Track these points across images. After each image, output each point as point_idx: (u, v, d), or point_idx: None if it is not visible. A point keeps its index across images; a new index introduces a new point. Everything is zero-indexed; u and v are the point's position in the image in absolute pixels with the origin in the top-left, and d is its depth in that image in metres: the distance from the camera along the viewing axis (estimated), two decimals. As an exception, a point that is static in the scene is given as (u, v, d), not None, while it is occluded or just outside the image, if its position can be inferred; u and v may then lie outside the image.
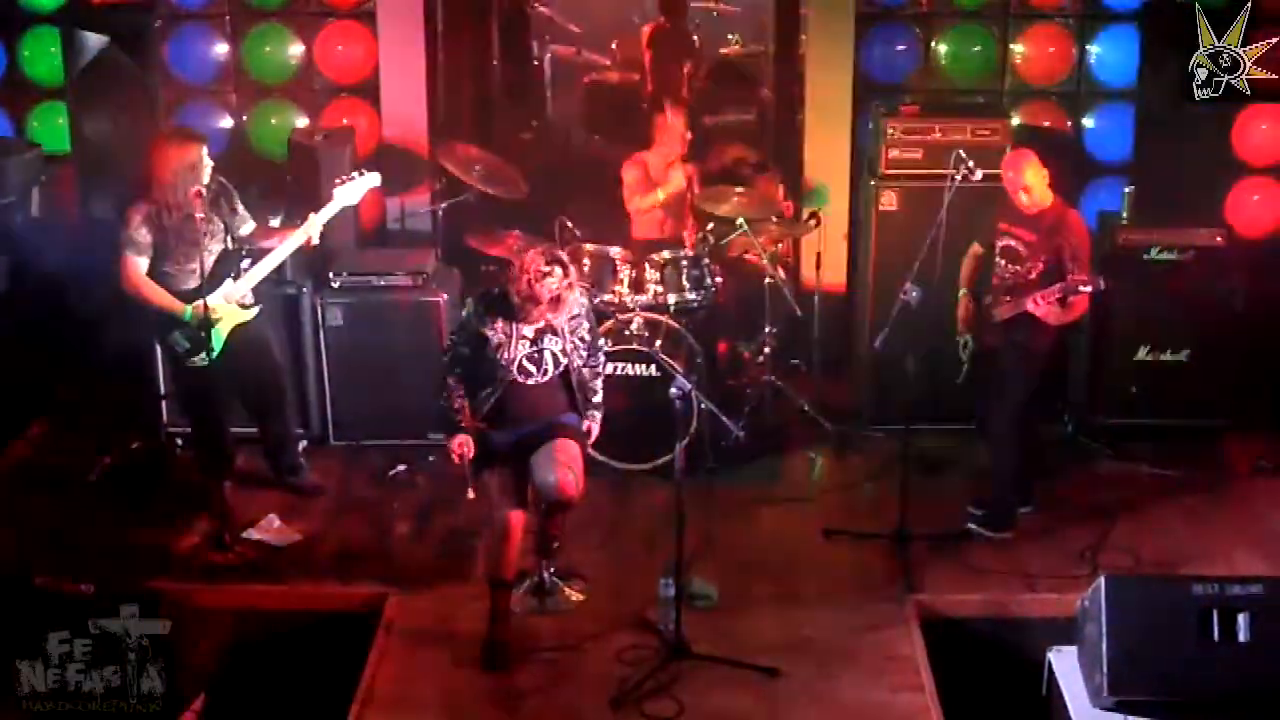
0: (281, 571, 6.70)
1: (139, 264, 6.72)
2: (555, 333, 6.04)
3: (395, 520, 7.15)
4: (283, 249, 6.92)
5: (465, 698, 5.89)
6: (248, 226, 6.99)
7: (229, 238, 6.89)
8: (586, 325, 6.18)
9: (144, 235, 6.68)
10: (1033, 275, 6.68)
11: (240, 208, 6.97)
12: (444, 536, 7.00)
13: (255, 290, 6.98)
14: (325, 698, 5.88)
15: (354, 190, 7.05)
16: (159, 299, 6.75)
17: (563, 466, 6.02)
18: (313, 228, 6.92)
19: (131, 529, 6.98)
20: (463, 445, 6.03)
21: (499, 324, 5.98)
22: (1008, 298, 6.74)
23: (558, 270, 5.82)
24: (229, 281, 6.87)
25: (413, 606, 6.41)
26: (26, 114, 8.75)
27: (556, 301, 5.85)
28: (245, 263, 6.93)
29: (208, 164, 6.79)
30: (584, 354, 6.17)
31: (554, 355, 6.07)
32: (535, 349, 6.03)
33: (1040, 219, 6.72)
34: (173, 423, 7.75)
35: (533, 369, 6.05)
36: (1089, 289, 6.45)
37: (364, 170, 7.14)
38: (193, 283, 6.74)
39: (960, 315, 7.02)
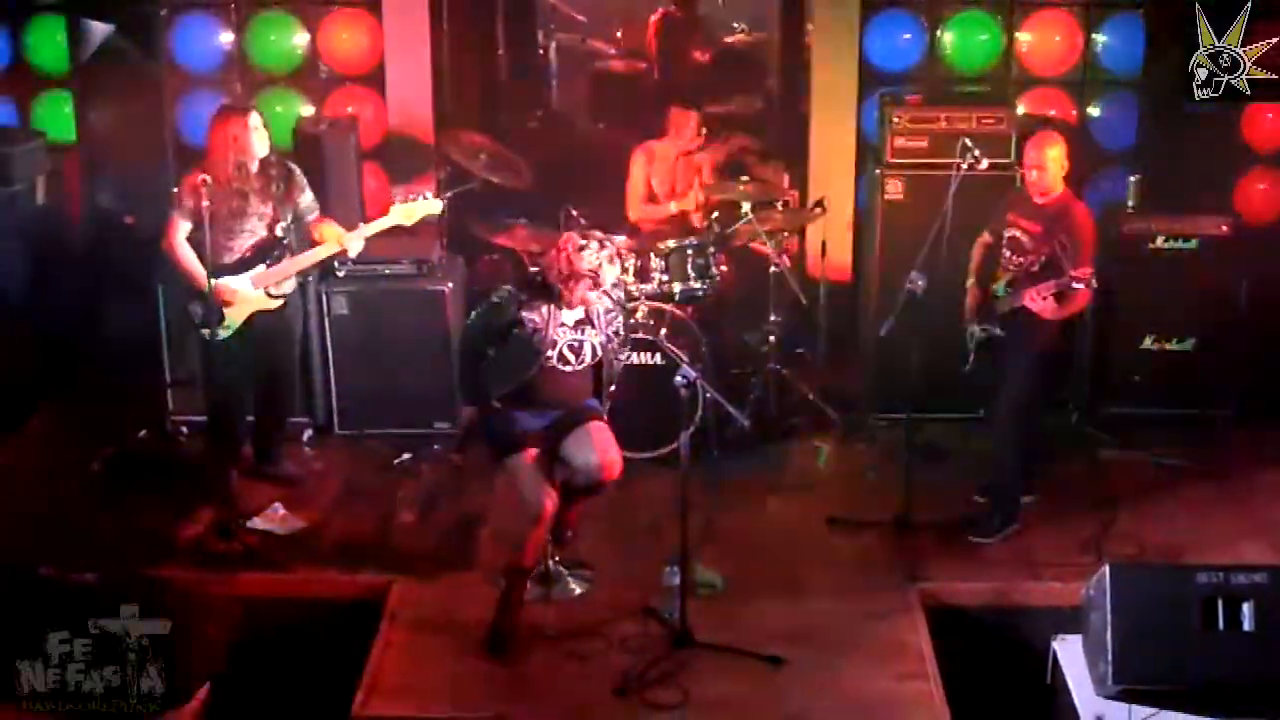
0: (286, 560, 6.69)
1: (181, 226, 6.74)
2: (593, 325, 6.13)
3: (399, 508, 7.15)
4: (319, 251, 6.88)
5: (470, 686, 5.89)
6: (312, 215, 6.95)
7: (278, 223, 6.85)
8: (621, 320, 6.28)
9: (190, 201, 6.68)
10: (1035, 268, 6.65)
11: (302, 197, 6.91)
12: (448, 524, 7.01)
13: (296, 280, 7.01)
14: (330, 686, 5.88)
15: (412, 211, 6.87)
16: (188, 265, 6.75)
17: (603, 448, 6.11)
18: (355, 240, 6.85)
19: (135, 518, 6.98)
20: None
21: (538, 309, 6.03)
22: (1009, 289, 6.73)
23: (594, 244, 5.92)
24: (262, 267, 6.87)
25: (417, 594, 6.42)
26: (31, 102, 8.73)
27: (596, 274, 5.93)
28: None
29: (260, 138, 6.76)
30: (616, 347, 6.29)
31: (593, 346, 6.16)
32: (577, 339, 6.10)
33: (1047, 210, 6.68)
34: (178, 411, 7.77)
35: (572, 358, 6.12)
36: (1080, 287, 6.39)
37: (428, 194, 6.96)
38: (229, 258, 6.77)
39: (968, 305, 6.98)
